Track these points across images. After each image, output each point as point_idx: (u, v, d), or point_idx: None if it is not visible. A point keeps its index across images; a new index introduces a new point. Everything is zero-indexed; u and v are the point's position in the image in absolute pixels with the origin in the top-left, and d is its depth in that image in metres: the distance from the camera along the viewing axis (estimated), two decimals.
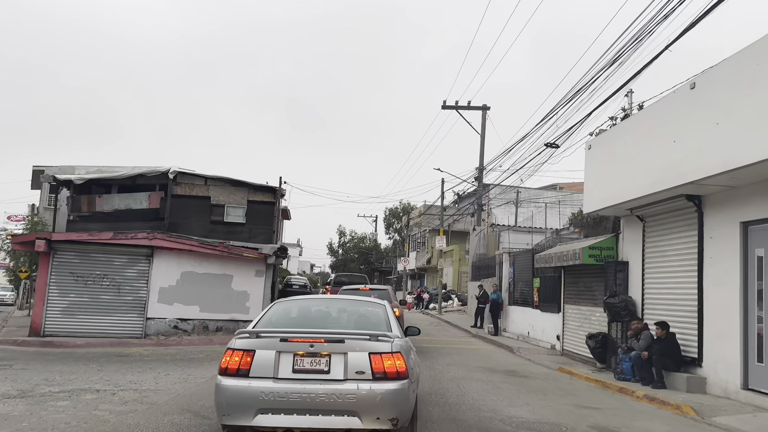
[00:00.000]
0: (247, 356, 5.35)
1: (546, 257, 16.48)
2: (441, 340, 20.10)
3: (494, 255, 24.23)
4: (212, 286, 18.98)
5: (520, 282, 20.78)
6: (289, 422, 5.20)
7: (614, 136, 12.69)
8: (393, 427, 5.27)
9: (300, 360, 5.37)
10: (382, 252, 76.59)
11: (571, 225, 20.00)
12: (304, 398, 5.18)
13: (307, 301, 8.00)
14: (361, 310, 6.95)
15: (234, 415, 5.27)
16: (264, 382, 5.27)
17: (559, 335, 16.89)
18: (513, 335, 20.57)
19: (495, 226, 31.16)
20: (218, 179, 23.81)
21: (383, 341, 5.46)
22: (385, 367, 5.30)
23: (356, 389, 5.21)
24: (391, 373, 5.30)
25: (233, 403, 5.26)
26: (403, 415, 5.36)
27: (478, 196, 32.00)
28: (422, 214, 44.53)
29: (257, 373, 5.31)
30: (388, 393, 5.23)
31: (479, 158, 32.25)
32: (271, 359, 5.34)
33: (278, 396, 5.19)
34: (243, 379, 5.30)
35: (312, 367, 5.36)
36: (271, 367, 5.32)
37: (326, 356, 5.36)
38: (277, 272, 52.71)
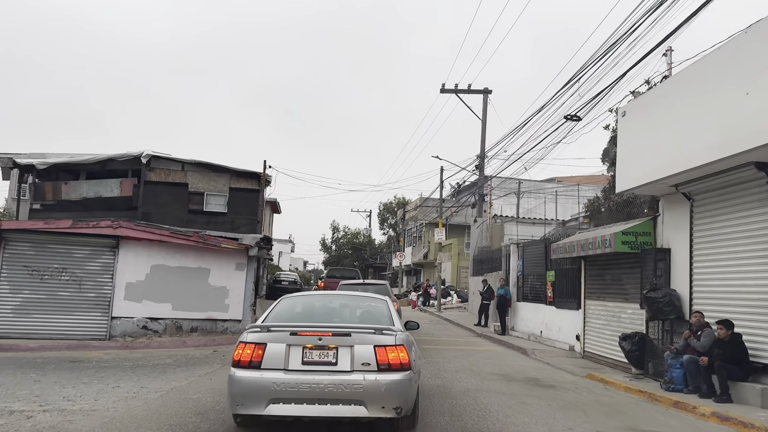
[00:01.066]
0: (258, 349, 5.57)
1: (565, 247, 14.44)
2: (444, 340, 18.05)
3: (500, 247, 22.20)
4: (186, 281, 16.84)
5: (530, 276, 18.75)
6: (300, 411, 5.45)
7: (656, 98, 10.64)
8: (397, 416, 5.54)
9: (309, 352, 5.61)
10: (377, 248, 74.51)
11: (587, 212, 18.00)
12: (313, 388, 5.41)
13: (312, 297, 8.22)
14: (364, 305, 7.23)
15: (247, 405, 5.49)
16: (275, 374, 5.49)
17: (579, 335, 14.87)
18: (523, 334, 18.54)
19: (497, 218, 29.15)
20: (197, 164, 21.66)
21: (387, 335, 5.70)
22: (389, 359, 5.54)
23: (362, 380, 5.46)
24: (395, 365, 5.55)
25: (246, 394, 5.49)
26: (407, 404, 5.62)
27: (480, 186, 29.94)
28: (419, 206, 42.48)
29: (269, 365, 5.54)
30: (392, 383, 5.49)
31: (480, 145, 30.19)
32: (282, 352, 5.57)
33: (289, 386, 5.42)
34: (255, 370, 5.52)
35: (320, 359, 5.60)
36: (281, 359, 5.56)
37: (334, 349, 5.60)
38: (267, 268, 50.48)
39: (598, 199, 18.43)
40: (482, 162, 29.99)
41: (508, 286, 19.80)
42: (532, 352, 15.03)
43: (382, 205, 75.73)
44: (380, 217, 75.91)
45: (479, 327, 21.82)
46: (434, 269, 44.97)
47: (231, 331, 17.14)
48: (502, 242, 21.49)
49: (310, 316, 6.76)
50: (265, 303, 30.20)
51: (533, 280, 18.48)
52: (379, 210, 75.77)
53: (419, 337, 18.33)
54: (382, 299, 7.38)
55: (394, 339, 5.70)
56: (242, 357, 5.62)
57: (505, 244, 21.28)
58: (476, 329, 21.25)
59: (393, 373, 5.55)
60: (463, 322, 23.61)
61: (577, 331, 15.07)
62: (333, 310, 7.19)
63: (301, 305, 7.21)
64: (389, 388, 5.49)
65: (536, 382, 10.50)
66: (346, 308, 7.27)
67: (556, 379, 11.09)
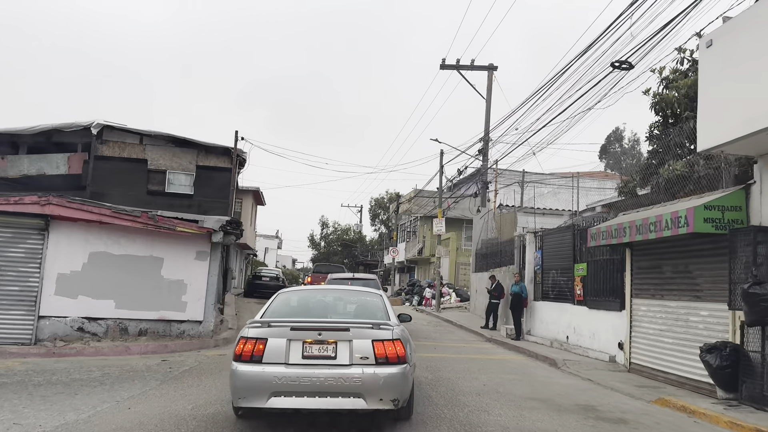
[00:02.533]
0: (260, 344, 5.67)
1: (610, 231, 11.39)
2: (450, 347, 15.00)
3: (511, 238, 19.16)
4: (134, 273, 13.66)
5: (552, 270, 15.71)
6: (301, 404, 5.59)
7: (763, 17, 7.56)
8: (394, 407, 5.68)
9: (309, 347, 5.72)
10: (368, 244, 71.44)
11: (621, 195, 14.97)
12: (313, 382, 5.54)
13: (309, 292, 8.45)
14: (360, 299, 7.37)
15: (249, 398, 5.61)
16: (276, 368, 5.59)
17: (623, 342, 11.86)
18: (542, 339, 15.50)
19: (504, 207, 26.17)
20: (158, 137, 18.47)
21: (385, 329, 5.84)
22: (386, 353, 5.67)
23: (361, 373, 5.59)
24: (392, 358, 5.68)
25: (248, 387, 5.61)
26: (403, 396, 5.80)
27: (483, 172, 26.89)
28: (414, 197, 39.41)
29: (270, 359, 5.64)
30: (390, 376, 5.63)
31: (484, 127, 27.18)
32: (283, 346, 5.69)
33: (290, 380, 5.54)
34: (257, 365, 5.62)
35: (320, 353, 5.72)
36: (282, 354, 5.66)
37: (333, 343, 5.73)
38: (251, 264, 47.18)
39: (632, 180, 15.39)
40: (486, 146, 26.97)
41: (523, 282, 16.75)
42: (564, 364, 11.99)
43: (374, 200, 72.81)
44: (371, 213, 72.90)
45: (487, 330, 18.78)
46: (430, 266, 41.93)
47: (189, 334, 13.96)
48: (514, 232, 18.47)
49: (308, 311, 6.87)
50: (242, 301, 27.13)
51: (556, 275, 15.44)
52: (371, 205, 72.83)
53: (420, 342, 15.35)
54: (377, 294, 7.52)
55: (391, 333, 5.82)
56: (244, 351, 5.70)
57: (519, 233, 18.24)
58: (484, 333, 18.20)
59: (390, 367, 5.66)
60: (467, 324, 20.56)
61: (619, 337, 12.06)
62: (330, 305, 7.33)
63: (298, 300, 7.34)
64: (387, 381, 5.60)
65: (596, 414, 7.43)
66: (342, 303, 7.40)
67: (618, 407, 8.03)
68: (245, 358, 5.68)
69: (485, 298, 22.71)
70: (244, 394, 5.64)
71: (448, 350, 14.33)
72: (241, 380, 5.65)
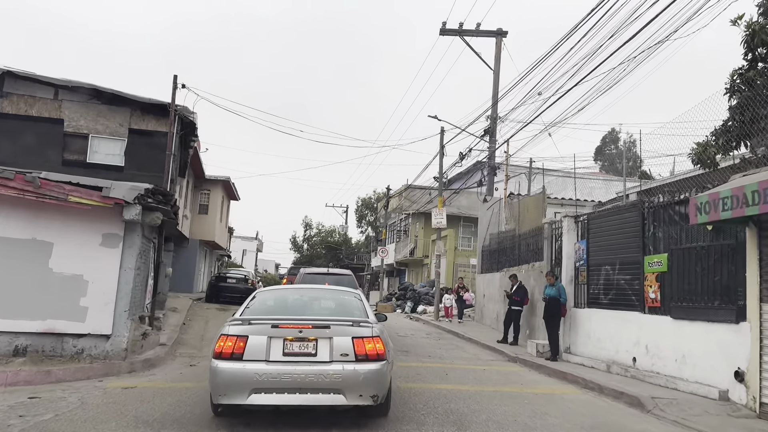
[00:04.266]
0: (240, 341, 5.68)
1: (741, 197, 7.18)
2: (465, 370, 10.76)
3: (538, 227, 14.96)
4: (8, 264, 9.28)
5: (605, 266, 11.49)
6: (281, 400, 5.61)
7: None
8: (374, 403, 5.72)
9: (290, 344, 5.76)
10: (353, 247, 67.07)
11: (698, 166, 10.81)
12: (294, 378, 5.55)
13: (288, 292, 8.55)
14: (339, 298, 7.45)
15: (230, 395, 5.62)
16: (257, 365, 5.62)
17: (742, 371, 7.69)
18: (592, 361, 11.30)
19: (514, 196, 22.02)
20: (79, 90, 14.06)
21: (364, 326, 5.93)
22: (366, 350, 5.72)
23: (341, 370, 5.62)
24: (372, 355, 5.73)
25: (229, 384, 5.61)
26: (383, 392, 5.84)
27: (490, 155, 22.72)
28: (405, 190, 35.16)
29: (250, 357, 5.66)
30: (369, 373, 5.65)
31: (492, 102, 23.04)
32: (263, 344, 5.71)
33: (271, 377, 5.55)
34: (237, 362, 5.64)
35: (300, 350, 5.75)
36: (263, 351, 5.69)
37: (313, 341, 5.77)
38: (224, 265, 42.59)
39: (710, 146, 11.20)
40: (494, 124, 22.81)
41: (560, 283, 12.50)
42: (655, 405, 7.77)
43: (361, 200, 68.52)
44: (358, 214, 68.56)
45: (506, 345, 14.55)
46: (422, 268, 37.68)
47: (91, 355, 9.58)
48: (542, 219, 14.25)
49: (286, 310, 6.84)
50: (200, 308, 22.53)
51: (612, 273, 11.22)
52: (357, 206, 68.48)
53: (423, 363, 11.36)
54: (355, 292, 7.83)
55: (371, 330, 5.88)
56: (224, 349, 5.67)
57: (549, 220, 14.02)
58: (504, 349, 13.95)
59: (370, 363, 5.68)
60: (477, 336, 16.30)
61: (734, 362, 7.89)
62: (309, 303, 7.31)
63: (277, 299, 7.37)
64: (367, 377, 5.62)
65: None
66: (321, 301, 7.39)
67: None
68: (225, 355, 5.65)
69: (496, 304, 18.53)
70: (225, 391, 5.62)
71: (464, 377, 10.07)
72: (222, 377, 5.62)
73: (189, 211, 29.68)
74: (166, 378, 9.31)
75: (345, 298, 7.42)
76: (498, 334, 16.84)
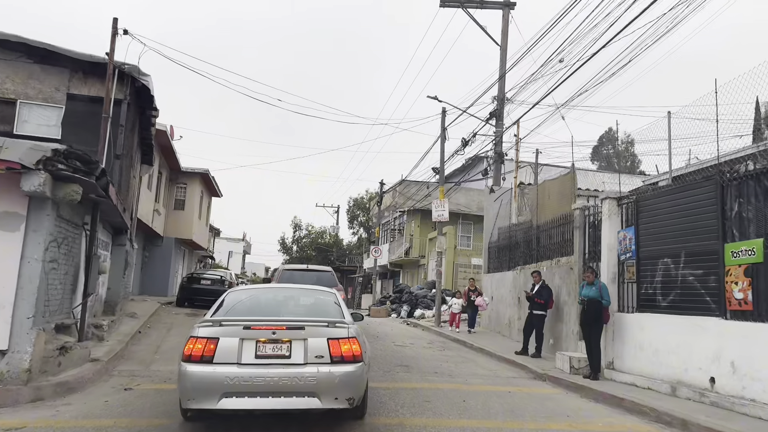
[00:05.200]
0: (210, 344, 5.42)
1: None
2: (486, 394, 8.20)
3: (565, 214, 12.43)
4: None
5: (664, 258, 8.98)
6: (253, 404, 5.32)
7: None
8: (349, 407, 5.48)
9: (262, 346, 5.51)
10: (345, 249, 64.43)
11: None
12: (267, 381, 5.32)
13: (261, 291, 7.94)
14: (314, 297, 7.14)
15: (199, 400, 5.34)
16: (228, 368, 5.35)
17: None
18: (648, 380, 8.80)
19: (525, 186, 19.54)
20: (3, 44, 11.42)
21: (340, 327, 5.69)
22: (342, 352, 5.51)
23: (316, 372, 5.39)
24: (348, 357, 5.51)
25: (198, 388, 5.33)
26: (359, 394, 5.59)
27: (497, 138, 20.23)
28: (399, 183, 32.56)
29: (221, 359, 5.39)
30: (345, 375, 5.44)
31: (498, 81, 20.57)
32: (235, 346, 5.44)
33: (243, 380, 5.29)
34: (207, 365, 5.37)
35: (274, 352, 5.51)
36: (234, 354, 5.42)
37: (287, 342, 5.53)
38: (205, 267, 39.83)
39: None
40: (501, 106, 20.34)
41: (601, 282, 9.96)
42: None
43: (352, 200, 65.94)
44: (349, 215, 65.95)
45: (526, 357, 12.05)
46: (419, 269, 35.12)
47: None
48: (572, 204, 11.70)
49: (260, 310, 6.50)
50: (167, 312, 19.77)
51: (674, 266, 8.72)
52: (349, 206, 65.89)
53: (431, 382, 8.89)
54: (331, 292, 7.34)
55: (347, 331, 5.69)
56: (194, 352, 5.42)
57: (582, 205, 11.50)
58: (525, 362, 11.41)
59: (346, 365, 5.50)
60: (489, 346, 13.76)
61: None
62: (283, 303, 6.96)
63: (250, 299, 6.95)
64: (342, 380, 5.43)
65: None
66: (296, 301, 7.07)
67: None
68: (195, 358, 5.40)
69: (508, 308, 16.01)
70: (194, 396, 5.36)
71: (489, 406, 7.51)
72: (191, 381, 5.35)
73: (163, 206, 27.01)
74: (82, 410, 6.72)
75: (321, 297, 7.11)
76: (511, 343, 14.36)
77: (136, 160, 17.53)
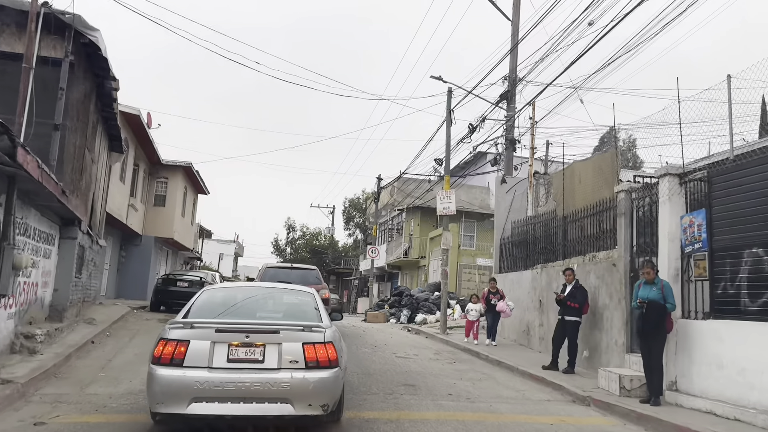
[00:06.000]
0: (181, 346, 5.25)
1: None
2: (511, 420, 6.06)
3: (604, 199, 10.29)
4: None
5: (749, 249, 6.87)
6: (224, 410, 5.16)
7: None
8: (323, 413, 5.31)
9: (235, 350, 5.32)
10: (340, 251, 62.31)
11: None
12: (239, 387, 5.15)
13: (237, 290, 7.57)
14: (292, 299, 6.88)
15: (168, 404, 5.19)
16: (198, 372, 5.19)
17: None
18: (735, 408, 6.70)
19: (540, 176, 17.46)
20: None
21: (316, 332, 5.49)
22: (317, 357, 5.35)
23: (290, 378, 5.23)
24: (323, 362, 5.34)
25: (167, 392, 5.19)
26: (333, 400, 5.44)
27: (508, 121, 18.16)
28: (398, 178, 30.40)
29: (192, 363, 5.23)
30: (320, 381, 5.27)
31: (510, 59, 18.51)
32: (206, 349, 5.27)
33: (213, 385, 5.13)
34: (177, 368, 5.21)
35: (247, 356, 5.33)
36: (205, 357, 5.25)
37: (261, 346, 5.34)
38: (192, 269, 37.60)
39: None
40: (513, 87, 18.27)
41: (664, 280, 7.83)
42: None
43: (348, 201, 63.93)
44: (345, 215, 63.94)
45: (556, 372, 9.93)
46: (419, 270, 32.97)
47: None
48: (616, 185, 9.55)
49: (235, 312, 6.21)
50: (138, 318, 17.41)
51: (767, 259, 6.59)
52: (344, 207, 63.88)
53: (447, 410, 6.70)
54: (309, 292, 6.94)
55: (323, 336, 5.47)
56: (163, 354, 5.23)
57: (627, 186, 9.38)
58: (559, 380, 9.27)
59: (321, 371, 5.31)
60: (508, 358, 11.63)
61: None
62: (259, 304, 6.65)
63: (224, 299, 6.61)
64: (317, 386, 5.25)
65: None
66: (272, 302, 6.81)
67: None
68: (164, 361, 5.20)
69: (526, 313, 13.98)
70: (162, 399, 5.17)
71: None
72: (160, 385, 5.17)
73: (141, 202, 24.81)
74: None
75: (299, 298, 6.80)
76: (531, 354, 12.29)
77: (101, 145, 15.37)
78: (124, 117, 19.18)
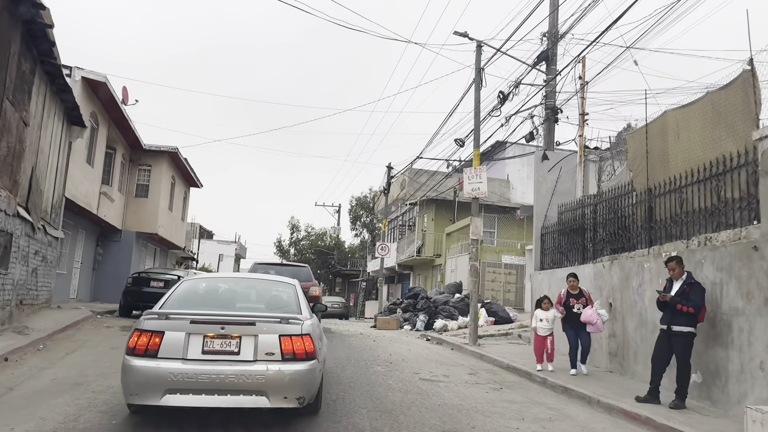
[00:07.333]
0: (155, 337, 5.17)
1: None
2: None
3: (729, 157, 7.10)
4: None
5: None
6: (198, 402, 5.11)
7: None
8: (299, 406, 5.27)
9: (210, 342, 5.23)
10: (347, 252, 59.22)
11: None
12: (213, 379, 5.06)
13: (216, 281, 7.30)
14: (272, 289, 6.74)
15: (141, 395, 5.11)
16: (173, 363, 5.10)
17: None
18: None
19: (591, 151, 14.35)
20: None
21: (293, 323, 5.40)
22: (294, 349, 5.28)
23: (265, 370, 5.15)
24: (300, 354, 5.28)
25: (141, 383, 5.10)
26: (309, 393, 5.38)
27: (548, 84, 15.01)
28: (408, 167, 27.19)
29: (166, 354, 5.14)
30: (296, 374, 5.21)
31: (549, 11, 15.36)
32: (181, 341, 5.18)
33: (187, 377, 5.05)
34: (151, 359, 5.12)
35: (222, 348, 5.23)
36: (180, 349, 5.16)
37: (237, 338, 5.26)
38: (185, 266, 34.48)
39: None
40: (555, 42, 15.12)
41: None
42: None
43: (355, 199, 60.87)
44: (351, 215, 60.84)
45: (656, 405, 6.75)
46: (433, 270, 29.79)
47: None
48: (755, 130, 6.43)
49: (213, 302, 6.13)
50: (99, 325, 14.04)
51: None
52: (351, 206, 60.82)
53: None
54: (290, 283, 6.77)
55: (301, 328, 5.37)
56: (138, 345, 5.13)
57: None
58: (673, 423, 6.09)
59: (297, 363, 5.23)
60: (575, 384, 8.46)
61: None
62: (238, 295, 6.54)
63: (203, 290, 6.51)
64: (293, 379, 5.18)
65: None
66: (252, 293, 6.66)
67: None
68: (139, 352, 5.10)
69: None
70: (136, 391, 5.08)
71: None
72: (134, 376, 5.06)
73: (119, 191, 21.80)
74: None
75: (279, 289, 6.61)
76: (603, 376, 9.13)
77: (47, 109, 12.34)
78: (88, 84, 16.23)
